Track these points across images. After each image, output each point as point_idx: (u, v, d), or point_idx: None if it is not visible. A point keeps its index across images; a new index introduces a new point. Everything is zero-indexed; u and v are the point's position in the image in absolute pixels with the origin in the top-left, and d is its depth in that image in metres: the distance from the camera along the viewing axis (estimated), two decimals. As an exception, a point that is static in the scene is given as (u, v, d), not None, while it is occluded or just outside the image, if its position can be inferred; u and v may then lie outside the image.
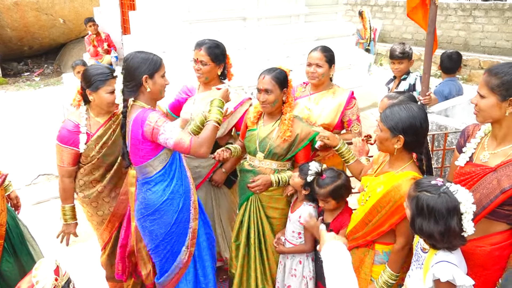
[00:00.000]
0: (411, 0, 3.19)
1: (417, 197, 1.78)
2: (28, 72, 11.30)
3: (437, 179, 1.81)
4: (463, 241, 1.77)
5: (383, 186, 2.10)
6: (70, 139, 2.60)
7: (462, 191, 1.74)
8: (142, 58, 2.34)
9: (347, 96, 2.92)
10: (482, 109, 1.93)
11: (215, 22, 6.15)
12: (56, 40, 11.48)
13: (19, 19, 10.34)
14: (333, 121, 2.90)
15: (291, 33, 6.74)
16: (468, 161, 2.04)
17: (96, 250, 3.69)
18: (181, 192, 2.51)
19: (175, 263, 2.59)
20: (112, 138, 2.68)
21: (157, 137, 2.28)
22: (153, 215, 2.48)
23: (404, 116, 2.03)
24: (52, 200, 4.73)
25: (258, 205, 2.75)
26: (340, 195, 2.40)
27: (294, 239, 2.63)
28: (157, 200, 2.45)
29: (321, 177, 2.42)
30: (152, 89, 2.36)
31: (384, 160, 2.28)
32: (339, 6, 7.62)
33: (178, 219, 2.52)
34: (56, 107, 7.20)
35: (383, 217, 2.10)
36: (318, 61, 2.89)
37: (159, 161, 2.41)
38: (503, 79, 1.85)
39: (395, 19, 13.02)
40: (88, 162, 2.66)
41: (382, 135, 2.10)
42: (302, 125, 2.66)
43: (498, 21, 10.66)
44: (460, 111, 3.54)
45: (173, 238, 2.54)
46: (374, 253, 2.21)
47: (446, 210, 1.72)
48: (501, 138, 1.95)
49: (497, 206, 1.88)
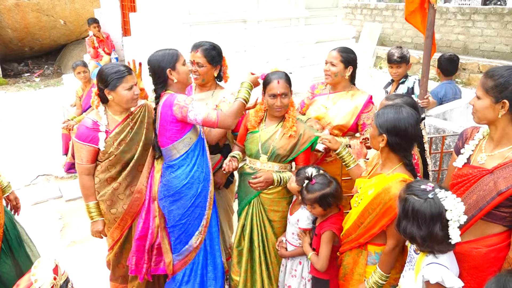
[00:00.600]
0: (410, 4, 3.20)
1: (405, 199, 1.82)
2: (29, 73, 11.32)
3: (428, 183, 1.83)
4: (449, 248, 1.79)
5: (374, 188, 2.14)
6: (89, 136, 2.64)
7: (451, 198, 1.76)
8: (160, 55, 2.61)
9: (364, 100, 2.93)
10: (477, 110, 1.95)
11: (216, 24, 6.18)
12: (57, 41, 11.51)
13: (20, 20, 10.37)
14: (348, 123, 2.92)
15: (291, 36, 6.76)
16: (465, 163, 2.05)
17: (95, 251, 3.71)
18: (201, 179, 2.70)
19: (186, 246, 2.77)
20: (130, 136, 2.72)
21: (186, 114, 2.49)
22: (173, 196, 2.69)
23: (391, 117, 2.08)
24: (51, 200, 4.75)
25: (260, 209, 2.74)
26: (327, 203, 2.38)
27: (294, 241, 2.64)
28: (179, 183, 2.66)
29: (310, 182, 2.41)
30: (178, 78, 2.61)
31: (378, 162, 2.30)
32: (338, 9, 7.65)
33: (195, 203, 2.71)
34: (56, 107, 7.21)
35: (374, 219, 2.12)
36: (332, 59, 2.93)
37: (183, 145, 2.62)
38: (497, 81, 1.87)
39: (394, 23, 13.06)
40: (106, 159, 2.69)
41: (371, 131, 2.21)
42: (305, 127, 2.68)
43: (498, 25, 10.70)
44: (458, 114, 3.55)
45: (188, 220, 2.74)
46: (367, 254, 2.23)
47: (430, 216, 1.74)
48: (497, 140, 1.96)
49: (494, 208, 1.89)
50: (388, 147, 2.12)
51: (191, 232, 2.76)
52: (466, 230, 1.95)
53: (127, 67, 2.64)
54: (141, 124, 2.77)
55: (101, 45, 7.60)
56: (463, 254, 1.97)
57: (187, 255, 2.80)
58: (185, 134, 2.61)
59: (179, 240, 2.78)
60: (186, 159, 2.66)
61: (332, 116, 2.95)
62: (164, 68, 2.57)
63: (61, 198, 4.81)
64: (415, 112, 2.13)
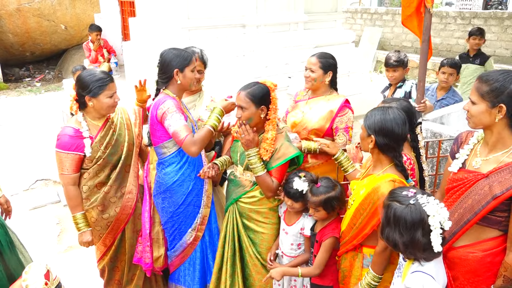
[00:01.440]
0: (406, 8, 3.20)
1: (388, 205, 1.82)
2: (30, 78, 11.35)
3: (410, 189, 1.82)
4: (434, 256, 1.77)
5: (365, 188, 2.15)
6: (73, 144, 2.60)
7: (433, 203, 1.74)
8: (174, 54, 2.63)
9: (339, 103, 2.88)
10: (473, 115, 1.94)
11: (214, 29, 6.19)
12: (58, 46, 11.55)
13: (21, 25, 10.42)
14: (323, 127, 2.87)
15: (290, 40, 6.77)
16: (461, 167, 2.05)
17: (92, 256, 3.69)
18: (192, 177, 2.72)
19: (180, 242, 2.83)
20: (114, 138, 2.73)
21: (163, 121, 2.54)
22: (164, 193, 2.75)
23: (378, 118, 2.11)
24: (49, 205, 4.75)
25: (235, 216, 2.68)
26: (332, 206, 2.36)
27: (293, 252, 2.59)
28: (169, 180, 2.70)
29: (316, 185, 2.40)
30: (182, 81, 2.64)
31: (371, 164, 2.31)
32: (338, 14, 7.66)
33: (186, 201, 2.74)
34: (56, 112, 7.23)
35: (365, 219, 2.13)
36: (311, 65, 2.91)
37: (173, 144, 2.64)
38: (492, 86, 1.86)
39: (394, 27, 13.08)
40: (94, 164, 2.67)
41: (361, 133, 2.23)
42: (285, 144, 2.54)
43: (498, 30, 10.70)
44: (456, 118, 3.54)
45: (180, 218, 2.77)
46: (362, 257, 2.23)
47: (411, 222, 1.73)
48: (493, 144, 1.95)
49: (489, 212, 1.88)
50: (377, 148, 2.14)
51: (183, 229, 2.80)
52: (462, 234, 1.96)
53: (108, 75, 2.64)
54: (121, 126, 2.80)
55: (99, 51, 7.63)
56: (459, 259, 1.97)
57: (182, 251, 2.85)
58: None
59: (173, 236, 2.84)
60: (176, 157, 2.68)
61: (308, 121, 2.92)
62: (173, 67, 2.60)
63: (59, 203, 4.81)
64: (402, 113, 2.14)
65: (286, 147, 2.52)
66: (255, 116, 2.49)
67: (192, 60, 2.65)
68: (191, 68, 2.64)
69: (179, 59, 2.61)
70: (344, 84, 7.26)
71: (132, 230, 2.90)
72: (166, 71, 2.63)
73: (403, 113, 2.14)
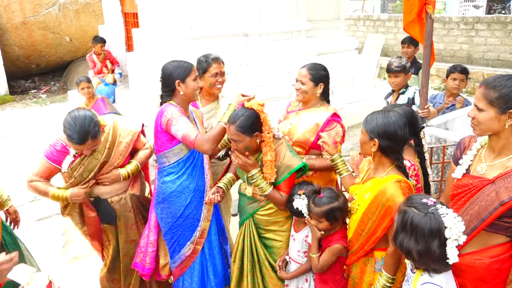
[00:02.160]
0: (407, 14, 3.20)
1: (405, 211, 1.79)
2: (35, 90, 11.44)
3: (429, 198, 1.79)
4: (445, 268, 1.75)
5: (370, 192, 2.14)
6: (56, 158, 2.70)
7: (451, 216, 1.72)
8: (174, 65, 2.66)
9: (326, 117, 2.78)
10: (481, 122, 1.91)
11: (217, 38, 6.23)
12: (63, 58, 11.65)
13: (26, 38, 10.53)
14: (308, 140, 2.78)
15: (293, 49, 6.79)
16: (465, 173, 2.03)
17: (96, 267, 3.68)
18: (191, 189, 2.71)
19: (178, 254, 2.83)
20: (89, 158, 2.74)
21: (170, 128, 2.55)
22: (163, 203, 2.76)
23: (380, 122, 2.12)
24: (54, 216, 4.75)
25: (252, 230, 2.66)
26: (334, 217, 2.33)
27: (300, 258, 2.57)
28: (167, 189, 2.71)
29: (318, 195, 2.37)
30: (185, 91, 2.64)
31: (369, 168, 2.31)
32: (340, 21, 7.68)
33: (184, 214, 2.74)
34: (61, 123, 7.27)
35: (375, 223, 2.11)
36: (302, 78, 2.82)
37: (173, 154, 2.67)
38: (501, 92, 1.84)
39: (397, 34, 13.09)
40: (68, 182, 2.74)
41: (361, 138, 2.22)
42: (287, 155, 2.49)
43: (501, 34, 10.67)
44: (460, 123, 3.52)
45: (179, 230, 2.78)
46: (374, 261, 2.20)
47: (429, 231, 1.70)
48: (499, 150, 1.93)
49: (496, 219, 1.86)
50: (380, 151, 2.15)
51: (182, 242, 2.81)
52: (468, 241, 1.92)
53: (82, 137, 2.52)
54: (102, 146, 2.74)
55: (103, 62, 7.69)
56: (466, 266, 1.94)
57: (181, 263, 2.85)
58: (175, 145, 2.65)
59: (173, 248, 2.84)
60: (175, 167, 2.70)
61: (294, 132, 2.86)
62: (174, 78, 2.62)
63: (64, 214, 4.81)
64: (403, 115, 2.16)
65: (289, 158, 2.48)
66: (251, 144, 2.45)
67: (192, 70, 2.66)
68: (193, 78, 2.65)
69: (179, 70, 2.63)
70: (347, 91, 7.30)
71: (125, 240, 2.92)
72: (168, 83, 2.65)
73: (403, 115, 2.16)
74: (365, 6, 19.19)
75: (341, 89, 7.06)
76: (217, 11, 6.14)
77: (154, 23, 6.44)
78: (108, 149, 2.73)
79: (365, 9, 19.06)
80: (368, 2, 20.04)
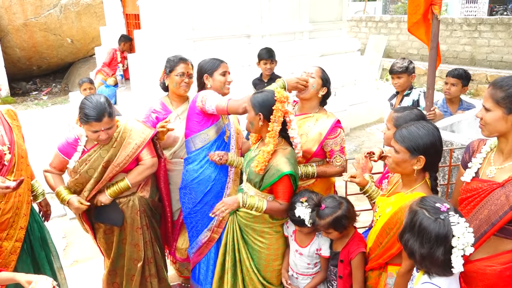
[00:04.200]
0: (412, 15, 3.15)
1: (415, 212, 1.75)
2: (37, 91, 11.45)
3: (444, 203, 1.74)
4: (445, 273, 1.71)
5: (392, 207, 2.06)
6: (67, 150, 2.74)
7: (462, 226, 1.67)
8: (205, 61, 2.95)
9: (329, 125, 2.70)
10: (488, 122, 1.89)
11: (219, 39, 6.21)
12: (64, 60, 11.66)
13: (28, 39, 10.53)
14: (311, 149, 2.70)
15: (295, 50, 6.77)
16: (474, 176, 1.99)
17: (98, 270, 3.65)
18: (213, 178, 2.85)
19: (196, 240, 2.96)
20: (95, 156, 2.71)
21: (205, 104, 2.73)
22: (185, 189, 2.92)
23: (425, 137, 1.99)
24: (56, 219, 4.71)
25: (235, 227, 2.63)
26: (342, 225, 2.28)
27: (310, 270, 2.52)
28: (189, 177, 2.87)
29: (320, 207, 2.30)
30: (212, 85, 2.89)
31: (398, 181, 2.22)
32: (343, 23, 7.66)
33: (203, 200, 2.86)
34: (63, 125, 7.25)
35: (392, 239, 2.04)
36: (312, 73, 2.74)
37: (199, 140, 2.83)
38: (508, 92, 1.82)
39: (400, 35, 13.06)
40: (74, 178, 2.75)
41: (399, 157, 2.03)
42: (281, 160, 2.39)
43: (504, 35, 10.63)
44: (466, 126, 3.47)
45: (197, 216, 2.90)
46: (386, 276, 2.15)
47: (435, 237, 1.66)
48: (508, 152, 1.90)
49: (507, 223, 1.81)
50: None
51: (200, 228, 2.93)
52: (478, 247, 1.88)
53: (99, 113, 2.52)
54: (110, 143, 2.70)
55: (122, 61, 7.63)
56: (476, 273, 1.89)
57: (198, 249, 2.96)
58: (203, 129, 2.81)
59: (191, 233, 2.98)
60: (199, 154, 2.84)
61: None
62: (203, 73, 2.91)
63: (65, 216, 4.78)
64: (435, 126, 2.06)
65: (280, 163, 2.37)
66: (254, 121, 2.44)
67: (220, 65, 2.91)
68: (220, 72, 2.90)
69: (208, 64, 2.91)
70: (350, 92, 7.27)
71: (130, 242, 2.88)
72: (199, 77, 2.95)
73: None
74: (367, 8, 19.19)
75: (344, 91, 7.04)
76: (219, 12, 6.12)
77: (156, 24, 6.42)
78: (113, 148, 2.69)
79: (367, 10, 19.06)
80: (369, 4, 20.04)
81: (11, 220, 2.52)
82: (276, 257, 2.61)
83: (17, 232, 2.55)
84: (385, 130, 2.60)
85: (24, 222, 2.60)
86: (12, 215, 2.52)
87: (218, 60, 2.93)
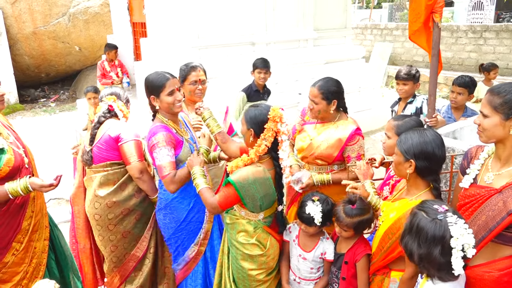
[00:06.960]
0: (413, 23, 3.17)
1: (415, 214, 1.79)
2: (45, 98, 11.57)
3: (442, 205, 1.77)
4: (449, 278, 1.72)
5: (396, 212, 2.09)
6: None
7: (461, 226, 1.68)
8: (150, 79, 2.63)
9: (349, 132, 2.78)
10: (485, 128, 1.91)
11: (224, 47, 6.27)
12: (72, 67, 11.79)
13: (36, 47, 10.68)
14: (331, 155, 2.81)
15: (300, 57, 6.81)
16: (472, 183, 2.01)
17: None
18: (192, 194, 2.67)
19: (183, 256, 2.84)
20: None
21: (152, 153, 2.55)
22: (165, 209, 2.75)
23: (416, 141, 2.03)
24: (62, 224, 4.75)
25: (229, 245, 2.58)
26: (363, 228, 2.34)
27: (313, 275, 2.53)
28: (169, 196, 2.70)
29: (352, 206, 2.33)
30: (160, 106, 2.62)
31: (404, 187, 2.25)
32: (347, 30, 7.69)
33: (188, 218, 2.75)
34: (70, 132, 7.33)
35: (394, 244, 2.07)
36: (314, 97, 2.80)
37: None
38: (505, 98, 1.84)
39: (405, 42, 13.07)
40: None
41: (396, 159, 2.13)
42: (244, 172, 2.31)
43: (510, 42, 10.62)
44: (468, 132, 3.47)
45: (182, 234, 2.78)
46: (389, 281, 2.16)
47: (432, 237, 1.69)
48: (506, 158, 1.91)
49: (504, 229, 1.83)
50: (415, 172, 2.06)
51: (187, 245, 2.82)
52: (477, 252, 1.88)
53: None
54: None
55: (113, 69, 7.75)
56: (474, 279, 1.90)
57: (185, 265, 2.86)
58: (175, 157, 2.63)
59: (177, 251, 2.85)
60: None
61: (315, 147, 2.85)
62: (149, 93, 2.63)
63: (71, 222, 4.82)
64: (439, 134, 2.08)
65: (241, 174, 2.30)
66: (246, 136, 2.41)
67: (167, 84, 2.57)
68: (166, 93, 2.57)
69: (153, 85, 2.60)
70: (354, 99, 7.28)
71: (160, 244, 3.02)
72: (148, 98, 2.67)
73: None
74: (373, 15, 19.23)
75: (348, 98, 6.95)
76: (224, 20, 6.18)
77: (162, 32, 6.49)
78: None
79: (373, 18, 19.10)
80: (375, 11, 20.08)
81: (41, 220, 2.65)
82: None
83: (44, 231, 2.68)
84: (385, 139, 2.63)
85: (47, 221, 2.73)
86: (41, 215, 2.66)
87: (164, 77, 2.60)
